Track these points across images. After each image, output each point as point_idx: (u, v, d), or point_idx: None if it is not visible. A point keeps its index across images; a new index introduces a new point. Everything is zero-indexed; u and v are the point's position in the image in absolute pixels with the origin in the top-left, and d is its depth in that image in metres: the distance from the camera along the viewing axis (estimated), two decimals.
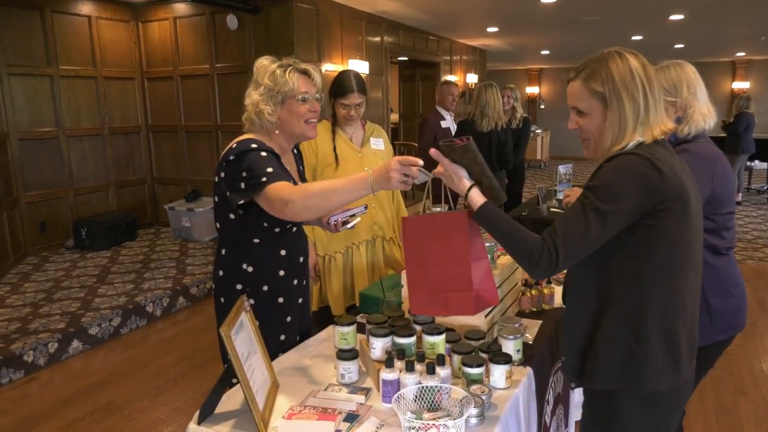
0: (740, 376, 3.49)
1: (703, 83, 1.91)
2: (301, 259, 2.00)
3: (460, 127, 4.80)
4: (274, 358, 1.91)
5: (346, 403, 1.55)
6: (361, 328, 1.89)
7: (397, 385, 1.51)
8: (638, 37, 9.70)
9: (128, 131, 6.69)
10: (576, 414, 2.58)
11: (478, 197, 1.49)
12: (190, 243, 6.16)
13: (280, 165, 1.81)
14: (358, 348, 1.77)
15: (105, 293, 4.60)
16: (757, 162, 9.57)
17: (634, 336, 1.40)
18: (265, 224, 1.84)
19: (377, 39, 7.38)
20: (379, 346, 1.68)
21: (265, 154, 1.76)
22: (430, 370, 1.50)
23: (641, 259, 1.37)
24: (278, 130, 1.88)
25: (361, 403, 1.56)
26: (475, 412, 1.44)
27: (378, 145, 2.69)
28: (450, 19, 7.82)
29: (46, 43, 5.76)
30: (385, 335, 1.69)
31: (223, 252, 1.93)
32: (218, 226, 1.92)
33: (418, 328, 1.75)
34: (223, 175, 1.80)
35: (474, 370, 1.57)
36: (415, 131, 8.01)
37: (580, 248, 1.36)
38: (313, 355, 1.89)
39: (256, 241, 1.88)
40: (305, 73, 1.87)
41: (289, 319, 1.97)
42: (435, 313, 1.69)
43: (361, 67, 6.64)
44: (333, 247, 2.58)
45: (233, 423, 1.49)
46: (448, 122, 5.27)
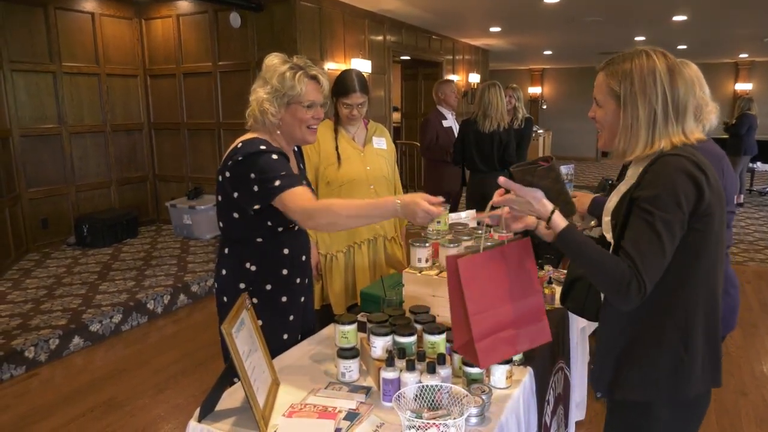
0: (741, 378, 3.49)
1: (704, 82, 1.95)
2: (303, 258, 2.00)
3: (463, 126, 4.79)
4: (276, 357, 1.92)
5: (347, 401, 1.55)
6: (361, 327, 1.89)
7: (397, 384, 1.51)
8: (641, 38, 9.69)
9: (130, 128, 6.70)
10: (577, 414, 2.58)
11: (561, 220, 1.41)
12: (192, 240, 6.16)
13: (289, 166, 1.80)
14: (359, 347, 1.78)
15: (106, 290, 4.61)
16: (759, 164, 9.55)
17: (683, 340, 1.38)
18: (269, 223, 1.85)
19: (380, 38, 7.37)
20: (379, 345, 1.69)
21: (276, 157, 1.75)
22: (431, 369, 1.50)
23: (691, 263, 1.35)
24: (279, 131, 1.87)
25: (362, 402, 1.56)
26: (475, 411, 1.45)
27: (380, 144, 2.69)
28: (453, 19, 7.81)
29: (49, 40, 5.76)
30: (386, 334, 1.69)
31: (226, 251, 1.93)
32: (221, 225, 1.92)
33: (419, 327, 1.75)
34: (228, 175, 1.79)
35: (474, 370, 1.57)
36: (417, 130, 8.01)
37: (661, 265, 1.30)
38: (314, 354, 1.89)
39: (259, 240, 1.88)
40: (314, 78, 1.84)
41: (291, 318, 1.98)
42: (507, 356, 1.55)
43: (363, 66, 6.63)
44: (335, 246, 2.58)
45: (234, 420, 1.49)
46: (450, 122, 5.27)
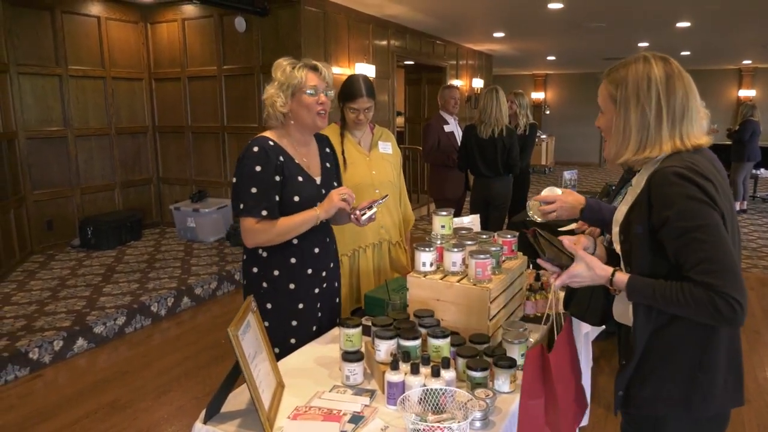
0: (744, 384, 3.48)
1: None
2: (316, 250, 2.11)
3: (466, 131, 4.81)
4: (283, 341, 2.03)
5: (351, 404, 1.56)
6: (366, 331, 1.90)
7: (402, 387, 1.52)
8: (644, 44, 9.70)
9: (135, 131, 6.73)
10: None
11: (622, 276, 1.38)
12: (195, 243, 6.18)
13: (270, 180, 1.97)
14: (363, 350, 1.79)
15: (110, 292, 4.62)
16: (762, 170, 9.54)
17: (700, 358, 1.38)
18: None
19: (384, 43, 7.40)
20: (384, 349, 1.69)
21: (258, 169, 1.95)
22: (435, 373, 1.51)
23: None
24: (293, 121, 2.03)
25: (366, 405, 1.57)
26: (479, 415, 1.45)
27: (386, 149, 2.71)
28: (457, 24, 7.84)
29: (56, 43, 5.80)
30: (391, 338, 1.70)
31: None
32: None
33: (424, 331, 1.76)
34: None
35: (478, 374, 1.57)
36: (420, 135, 8.02)
37: (733, 266, 1.27)
38: (318, 357, 1.90)
39: None
40: (314, 68, 2.01)
41: (301, 306, 2.08)
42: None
43: (367, 70, 6.66)
44: (340, 250, 2.59)
45: (239, 422, 1.50)
46: (452, 126, 5.28)
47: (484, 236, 2.15)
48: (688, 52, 10.77)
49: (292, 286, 2.06)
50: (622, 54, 1.55)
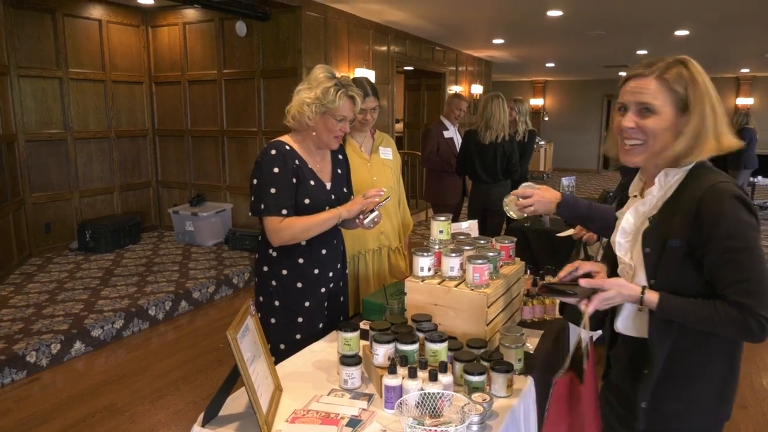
0: (740, 391, 3.49)
1: None
2: (323, 251, 2.17)
3: (466, 137, 4.83)
4: (290, 337, 2.10)
5: (349, 408, 1.57)
6: (364, 335, 1.91)
7: (399, 391, 1.53)
8: (643, 51, 9.74)
9: (135, 135, 6.74)
10: None
11: (652, 296, 1.36)
12: (194, 247, 6.18)
13: (287, 181, 2.04)
14: (361, 354, 1.79)
15: (108, 296, 4.62)
16: (760, 178, 9.57)
17: (729, 365, 1.41)
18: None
19: (384, 48, 7.43)
20: (381, 353, 1.70)
21: (277, 171, 2.02)
22: (433, 377, 1.52)
23: None
24: (313, 132, 2.10)
25: (364, 409, 1.57)
26: (476, 419, 1.46)
27: (387, 154, 2.72)
28: (457, 30, 7.87)
29: (57, 46, 5.81)
30: (388, 342, 1.71)
31: (260, 238, 2.20)
32: (251, 214, 2.14)
33: (421, 336, 1.77)
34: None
35: (475, 378, 1.58)
36: (419, 141, 8.05)
37: None
38: (317, 361, 1.91)
39: None
40: (352, 98, 2.10)
41: (307, 304, 2.15)
42: None
43: (367, 75, 6.67)
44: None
45: (237, 425, 1.51)
46: (452, 132, 5.31)
47: (482, 241, 2.16)
48: None
49: (300, 285, 2.14)
50: (622, 62, 1.55)
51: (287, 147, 2.08)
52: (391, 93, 7.69)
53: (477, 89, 10.53)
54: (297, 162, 2.08)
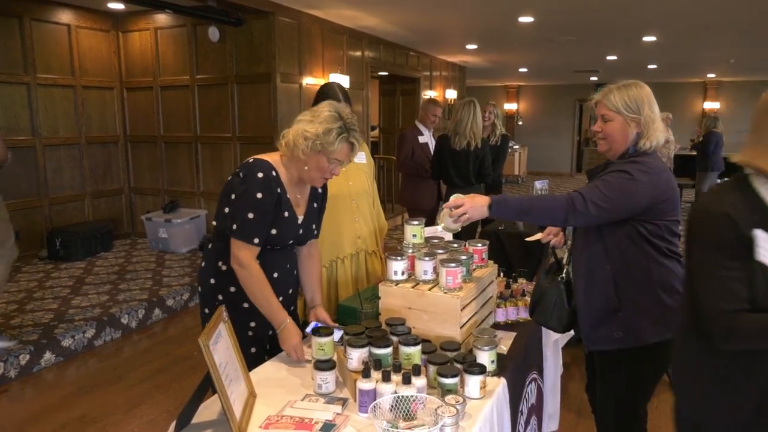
0: None
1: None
2: (275, 275, 2.06)
3: (439, 141, 4.86)
4: (245, 351, 1.95)
5: (323, 413, 1.57)
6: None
7: (373, 394, 1.54)
8: (613, 57, 9.94)
9: (106, 141, 6.63)
10: (550, 425, 2.62)
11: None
12: (167, 254, 6.10)
13: (268, 210, 1.95)
14: (336, 359, 1.80)
15: (79, 304, 4.54)
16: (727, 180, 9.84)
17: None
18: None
19: (358, 53, 7.45)
20: (356, 357, 1.71)
21: (260, 196, 1.93)
22: (406, 380, 1.53)
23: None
24: (306, 167, 1.99)
25: (338, 413, 1.58)
26: (449, 421, 1.47)
27: (361, 158, 2.73)
28: (430, 36, 7.93)
29: (24, 51, 5.70)
30: (362, 346, 1.72)
31: (209, 246, 2.13)
32: (214, 223, 2.06)
33: (395, 339, 1.78)
34: (228, 180, 2.01)
35: (449, 380, 1.60)
36: (395, 145, 8.07)
37: None
38: (291, 366, 1.91)
39: None
40: (352, 145, 2.01)
41: (253, 324, 2.07)
42: None
43: (341, 81, 6.69)
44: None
45: None
46: (426, 137, 5.34)
47: (455, 245, 2.18)
48: (654, 66, 11.06)
49: (246, 306, 2.03)
50: (592, 67, 1.61)
51: (273, 173, 1.97)
52: (365, 98, 7.71)
53: (451, 94, 10.61)
54: (279, 191, 1.99)
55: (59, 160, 6.13)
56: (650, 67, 11.12)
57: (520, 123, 16.32)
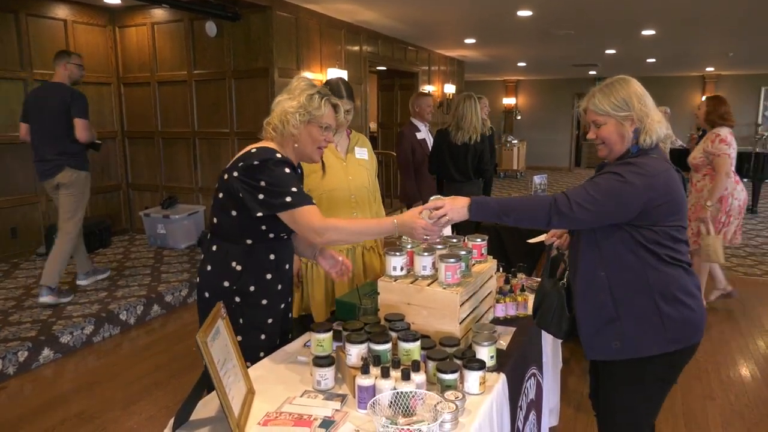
0: (708, 383, 3.58)
1: (649, 95, 1.87)
2: (287, 266, 2.08)
3: (438, 136, 4.85)
4: (254, 355, 1.97)
5: (322, 409, 1.57)
6: (337, 336, 1.90)
7: (372, 391, 1.53)
8: (612, 51, 9.91)
9: (103, 137, 6.58)
10: (550, 420, 2.62)
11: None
12: (166, 250, 6.09)
13: (301, 181, 1.93)
14: (334, 355, 1.79)
15: (77, 301, 4.53)
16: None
17: None
18: (263, 228, 1.92)
19: (356, 48, 7.42)
20: (355, 353, 1.70)
21: (288, 171, 1.88)
22: (405, 376, 1.53)
23: None
24: (296, 144, 1.97)
25: (337, 410, 1.57)
26: (448, 417, 1.47)
27: (362, 154, 2.72)
28: (428, 30, 7.91)
29: (21, 47, 5.67)
30: (361, 342, 1.71)
31: (214, 248, 1.99)
32: (215, 221, 1.99)
33: (394, 335, 1.77)
34: (237, 175, 1.87)
35: (448, 376, 1.59)
36: (394, 140, 8.06)
37: None
38: (289, 362, 1.90)
39: (249, 242, 1.94)
40: (335, 106, 2.03)
41: (270, 321, 2.04)
42: None
43: (340, 75, 6.66)
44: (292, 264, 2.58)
45: (208, 430, 1.49)
46: (424, 133, 5.32)
47: (454, 240, 2.17)
48: (653, 60, 11.03)
49: (265, 302, 2.00)
50: (591, 61, 1.59)
51: (278, 155, 1.92)
52: (364, 93, 7.69)
53: (450, 89, 10.59)
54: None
55: None
56: (649, 60, 11.09)
57: (519, 117, 16.31)
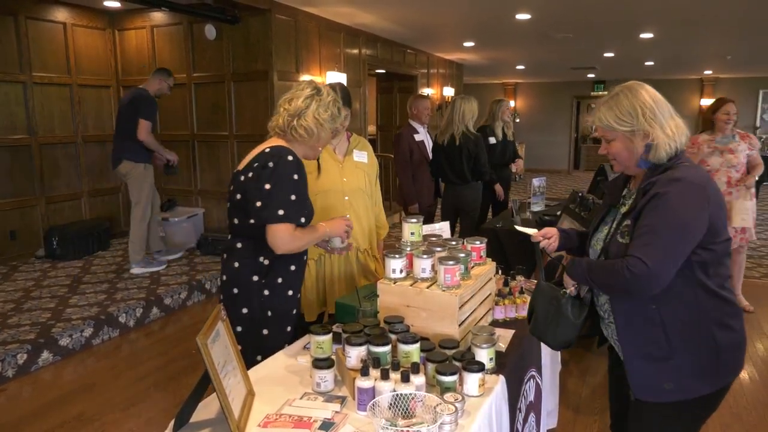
0: None
1: (664, 100, 1.70)
2: (304, 258, 2.21)
3: (436, 139, 4.89)
4: (281, 347, 2.04)
5: (322, 411, 1.57)
6: (337, 338, 1.91)
7: (372, 393, 1.53)
8: (610, 54, 9.94)
9: (103, 139, 6.60)
10: (548, 422, 2.62)
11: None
12: None
13: (304, 190, 2.03)
14: (334, 357, 1.79)
15: (76, 303, 4.53)
16: None
17: None
18: None
19: (355, 51, 7.44)
20: (354, 355, 1.71)
21: (296, 177, 1.98)
22: (405, 378, 1.53)
23: None
24: (310, 143, 2.12)
25: (337, 411, 1.58)
26: (448, 419, 1.47)
27: (361, 157, 2.72)
28: (427, 33, 7.92)
29: (20, 49, 5.68)
30: (361, 344, 1.71)
31: (238, 245, 2.08)
32: (236, 221, 2.07)
33: (394, 337, 1.78)
34: (251, 176, 1.99)
35: (447, 378, 1.60)
36: (392, 143, 8.06)
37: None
38: (289, 364, 1.90)
39: None
40: (349, 105, 2.26)
41: (294, 312, 2.18)
42: None
43: (339, 78, 6.67)
44: (308, 255, 2.60)
45: None
46: (422, 135, 5.33)
47: (453, 243, 2.18)
48: (651, 63, 11.06)
49: (290, 293, 2.13)
50: (589, 63, 1.58)
51: (293, 156, 2.04)
52: (363, 96, 7.70)
53: (449, 92, 10.61)
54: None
55: (55, 158, 6.11)
56: (647, 63, 11.12)
57: (518, 120, 16.33)
